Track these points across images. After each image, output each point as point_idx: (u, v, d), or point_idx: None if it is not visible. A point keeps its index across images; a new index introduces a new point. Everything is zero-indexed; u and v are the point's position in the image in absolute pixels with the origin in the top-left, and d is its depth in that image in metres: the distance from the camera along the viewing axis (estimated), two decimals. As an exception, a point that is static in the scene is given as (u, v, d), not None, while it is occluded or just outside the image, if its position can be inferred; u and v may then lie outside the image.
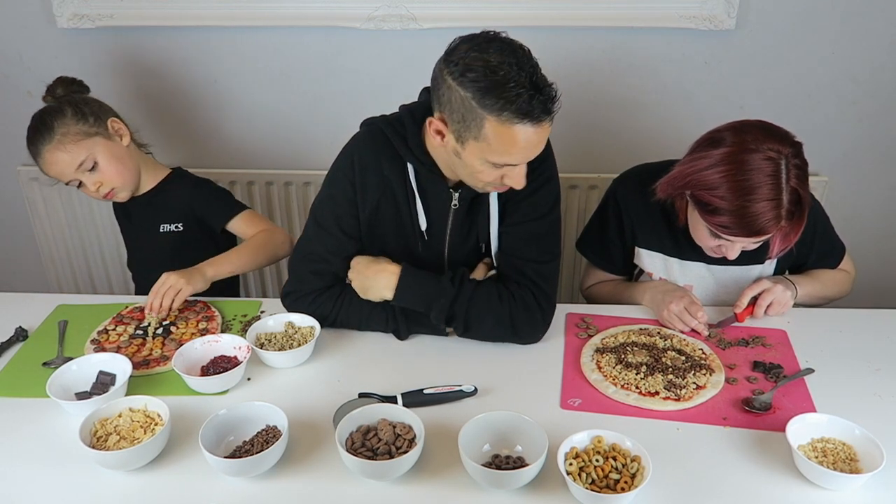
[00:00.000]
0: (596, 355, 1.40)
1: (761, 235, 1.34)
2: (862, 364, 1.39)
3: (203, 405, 1.28)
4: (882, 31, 2.02)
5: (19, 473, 1.15)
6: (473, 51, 1.19)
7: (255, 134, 2.30)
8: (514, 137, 1.20)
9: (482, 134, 1.21)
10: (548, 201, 1.45)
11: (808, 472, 1.10)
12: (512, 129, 1.19)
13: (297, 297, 1.49)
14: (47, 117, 1.62)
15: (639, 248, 1.62)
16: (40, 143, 1.60)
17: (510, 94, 1.16)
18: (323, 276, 1.48)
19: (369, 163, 1.42)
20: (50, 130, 1.60)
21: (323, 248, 1.47)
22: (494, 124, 1.19)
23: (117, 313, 1.56)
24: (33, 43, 2.20)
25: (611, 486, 1.07)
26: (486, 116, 1.19)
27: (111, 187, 1.66)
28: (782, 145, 1.30)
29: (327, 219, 1.46)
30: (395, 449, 1.12)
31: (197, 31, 2.11)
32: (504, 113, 1.17)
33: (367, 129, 1.45)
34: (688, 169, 1.37)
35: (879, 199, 2.26)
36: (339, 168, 1.45)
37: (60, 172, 1.63)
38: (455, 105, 1.21)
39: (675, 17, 2.00)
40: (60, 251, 2.52)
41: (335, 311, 1.48)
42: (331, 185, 1.47)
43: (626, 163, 1.72)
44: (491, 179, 1.30)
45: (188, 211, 1.77)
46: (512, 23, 2.04)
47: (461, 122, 1.22)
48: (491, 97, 1.17)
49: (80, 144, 1.61)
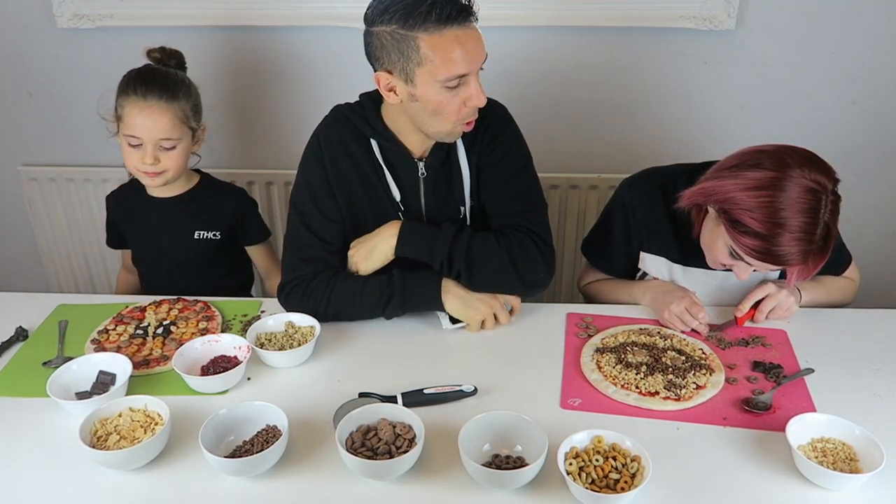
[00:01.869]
0: (596, 355, 1.40)
1: (783, 266, 1.32)
2: (862, 364, 1.38)
3: (203, 405, 1.28)
4: (882, 31, 2.02)
5: (19, 473, 1.15)
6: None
7: (255, 134, 2.30)
8: (449, 44, 1.28)
9: (422, 56, 1.29)
10: (519, 162, 1.52)
11: (808, 472, 1.10)
12: (443, 36, 1.27)
13: (291, 287, 1.50)
14: (178, 82, 1.63)
15: (644, 252, 1.61)
16: (155, 94, 1.59)
17: (426, 5, 1.25)
18: (312, 263, 1.50)
19: (335, 142, 1.50)
20: (174, 94, 1.61)
21: (307, 233, 1.50)
22: (427, 39, 1.28)
23: (117, 313, 1.56)
24: (33, 43, 2.20)
25: (611, 486, 1.07)
26: (417, 37, 1.28)
27: (161, 171, 1.65)
28: (827, 179, 1.26)
29: (306, 204, 1.51)
30: (395, 449, 1.12)
31: (197, 31, 2.12)
32: (429, 23, 1.26)
33: (330, 113, 1.54)
34: (726, 185, 1.31)
35: (879, 199, 2.26)
36: (308, 153, 1.52)
37: (148, 128, 1.59)
38: (388, 46, 1.31)
39: (675, 17, 2.01)
40: (60, 251, 2.52)
41: (328, 292, 1.47)
42: (304, 171, 1.53)
43: (626, 163, 1.73)
44: (455, 107, 1.35)
45: (230, 223, 1.79)
46: (512, 23, 2.05)
47: (401, 58, 1.30)
48: (412, 17, 1.26)
49: (179, 127, 1.62)
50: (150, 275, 1.87)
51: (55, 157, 2.39)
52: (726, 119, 2.18)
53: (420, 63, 1.30)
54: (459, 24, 1.28)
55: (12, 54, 2.23)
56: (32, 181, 2.39)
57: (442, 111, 1.35)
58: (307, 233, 1.50)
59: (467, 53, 1.30)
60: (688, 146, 2.21)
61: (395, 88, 1.36)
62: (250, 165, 2.33)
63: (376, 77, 1.37)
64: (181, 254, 1.78)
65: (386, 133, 1.47)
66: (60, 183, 2.38)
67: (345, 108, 1.52)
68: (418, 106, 1.36)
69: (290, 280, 1.51)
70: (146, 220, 1.78)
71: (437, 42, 1.28)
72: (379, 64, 1.35)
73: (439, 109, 1.35)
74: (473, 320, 1.47)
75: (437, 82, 1.31)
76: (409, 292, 1.46)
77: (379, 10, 1.30)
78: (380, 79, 1.36)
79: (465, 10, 1.29)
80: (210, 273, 1.80)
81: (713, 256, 1.43)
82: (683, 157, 1.71)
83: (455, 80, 1.32)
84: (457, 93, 1.34)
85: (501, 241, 1.45)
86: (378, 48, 1.33)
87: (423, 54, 1.29)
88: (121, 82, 1.63)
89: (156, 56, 1.68)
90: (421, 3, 1.26)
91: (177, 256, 1.78)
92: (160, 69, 1.65)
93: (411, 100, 1.36)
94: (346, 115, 1.50)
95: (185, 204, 1.75)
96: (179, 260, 1.78)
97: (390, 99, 1.38)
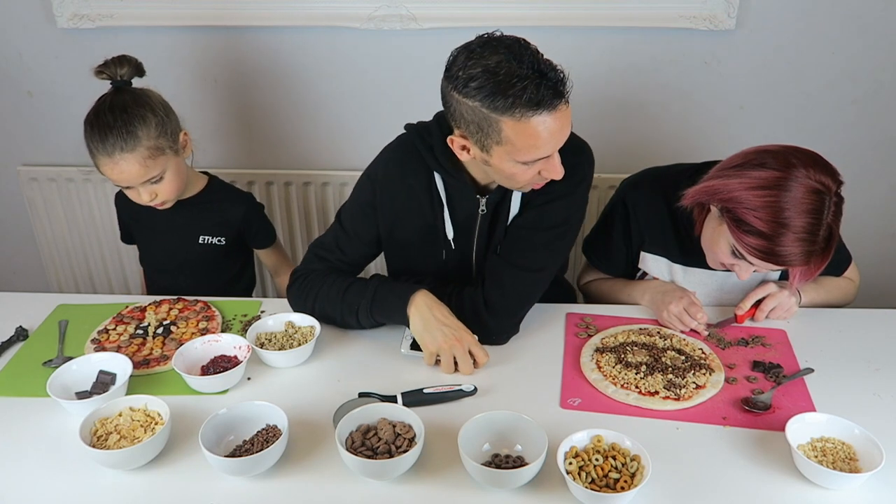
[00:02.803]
0: (596, 355, 1.40)
1: (785, 266, 1.32)
2: (862, 364, 1.39)
3: (203, 404, 1.28)
4: (882, 31, 2.02)
5: (20, 473, 1.15)
6: (471, 59, 1.19)
7: (255, 134, 2.30)
8: (534, 131, 1.19)
9: (503, 137, 1.21)
10: (556, 217, 1.41)
11: (808, 472, 1.10)
12: (529, 123, 1.18)
13: (297, 275, 1.51)
14: (133, 121, 1.50)
15: (644, 252, 1.61)
16: (114, 146, 1.49)
17: (516, 89, 1.15)
18: (324, 262, 1.51)
19: (394, 172, 1.46)
20: (133, 137, 1.50)
21: (333, 239, 1.52)
22: (511, 124, 1.19)
23: (117, 313, 1.56)
24: (33, 43, 2.20)
25: (610, 486, 1.07)
26: (500, 119, 1.19)
27: (164, 199, 1.62)
28: (832, 180, 1.26)
29: (346, 217, 1.52)
30: (395, 448, 1.12)
31: (197, 31, 2.12)
32: (516, 110, 1.17)
33: (400, 137, 1.49)
34: (730, 184, 1.30)
35: (879, 199, 2.26)
36: (368, 173, 1.50)
37: (124, 180, 1.54)
38: (468, 118, 1.22)
39: (675, 17, 2.01)
40: (60, 251, 2.52)
41: (318, 286, 1.46)
42: (359, 186, 1.51)
43: (626, 163, 1.73)
44: (528, 178, 1.29)
45: (236, 228, 1.78)
46: (512, 23, 2.04)
47: (479, 132, 1.22)
48: (499, 99, 1.16)
49: (158, 160, 1.54)
50: (155, 276, 1.87)
51: (55, 157, 2.39)
52: (726, 119, 2.18)
53: (500, 143, 1.22)
54: (549, 109, 1.18)
55: (12, 54, 2.23)
56: (32, 181, 2.39)
57: (515, 178, 1.29)
58: (331, 239, 1.52)
59: (552, 139, 1.21)
60: (688, 146, 2.21)
61: (469, 150, 1.29)
62: (250, 165, 2.33)
63: (450, 139, 1.30)
64: (185, 257, 1.77)
65: (450, 168, 1.38)
66: (60, 183, 2.38)
67: (413, 131, 1.43)
68: (491, 169, 1.30)
69: (299, 269, 1.53)
70: (151, 221, 1.76)
71: (523, 129, 1.18)
72: (455, 125, 1.27)
73: (512, 178, 1.29)
74: (427, 348, 1.34)
75: (515, 161, 1.24)
76: (379, 299, 1.39)
77: (463, 77, 1.19)
78: (454, 141, 1.29)
79: (557, 95, 1.18)
80: (213, 278, 1.80)
81: (714, 256, 1.42)
82: (683, 157, 1.71)
83: (534, 161, 1.25)
84: (535, 167, 1.26)
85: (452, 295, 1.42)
86: (456, 112, 1.24)
87: (506, 136, 1.20)
88: (84, 133, 1.53)
89: (103, 76, 1.56)
90: (510, 86, 1.15)
91: (181, 260, 1.78)
92: (110, 113, 1.51)
93: (484, 163, 1.29)
94: (413, 144, 1.42)
95: (192, 207, 1.74)
96: (184, 263, 1.78)
97: (462, 157, 1.31)
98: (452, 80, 1.21)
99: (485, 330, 1.41)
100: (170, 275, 1.80)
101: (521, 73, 1.16)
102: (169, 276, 1.80)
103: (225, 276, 1.82)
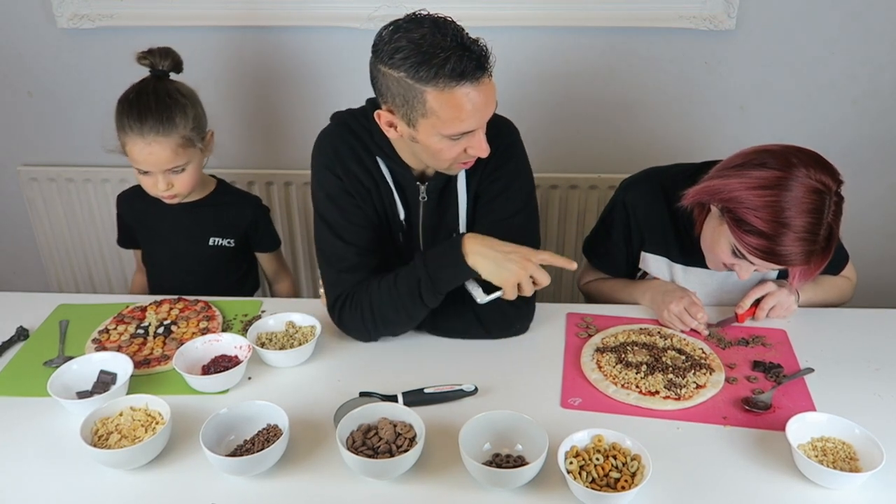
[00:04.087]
0: (596, 355, 1.40)
1: (785, 265, 1.32)
2: (862, 364, 1.39)
3: (204, 404, 1.28)
4: (882, 31, 2.02)
5: (20, 472, 1.15)
6: (396, 32, 1.21)
7: (255, 134, 2.30)
8: (458, 102, 1.21)
9: (427, 109, 1.22)
10: (520, 198, 1.45)
11: (808, 471, 1.10)
12: (453, 93, 1.20)
13: (340, 304, 1.42)
14: (173, 107, 1.55)
15: (645, 252, 1.61)
16: (151, 129, 1.52)
17: (439, 59, 1.17)
18: (356, 271, 1.43)
19: (345, 153, 1.42)
20: (171, 124, 1.54)
21: (341, 243, 1.43)
22: (435, 94, 1.20)
23: (118, 313, 1.56)
24: (33, 43, 2.20)
25: (611, 485, 1.07)
26: (424, 89, 1.20)
27: (177, 193, 1.63)
28: (832, 180, 1.26)
29: (333, 216, 1.44)
30: (396, 448, 1.12)
31: (197, 31, 2.12)
32: (440, 80, 1.18)
33: (335, 123, 1.46)
34: (731, 184, 1.30)
35: (879, 198, 2.27)
36: (320, 167, 1.45)
37: (151, 164, 1.56)
38: (394, 90, 1.23)
39: (675, 17, 2.01)
40: (60, 251, 2.53)
41: (368, 296, 1.40)
42: (321, 185, 1.45)
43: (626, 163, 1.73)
44: (454, 155, 1.30)
45: (244, 230, 1.79)
46: (511, 23, 2.05)
47: (405, 105, 1.24)
48: (423, 69, 1.18)
49: (186, 151, 1.58)
50: (159, 278, 1.86)
51: (55, 157, 2.39)
52: (726, 119, 2.18)
53: (425, 115, 1.23)
54: (472, 81, 1.20)
55: (12, 54, 2.23)
56: (32, 181, 2.39)
57: (441, 156, 1.30)
58: (341, 243, 1.43)
59: (476, 111, 1.23)
60: (688, 146, 2.22)
61: (396, 126, 1.30)
62: (250, 165, 2.33)
63: (377, 113, 1.31)
64: (194, 259, 1.77)
65: (391, 152, 1.40)
66: (60, 183, 2.38)
67: (348, 117, 1.44)
68: (417, 146, 1.31)
69: (336, 297, 1.44)
70: (160, 223, 1.76)
71: (447, 99, 1.20)
72: (382, 100, 1.29)
73: (439, 154, 1.29)
74: (508, 283, 1.30)
75: (440, 134, 1.25)
76: (434, 269, 1.35)
77: (389, 49, 1.21)
78: (381, 115, 1.30)
79: (480, 67, 1.20)
80: (221, 279, 1.80)
81: (715, 256, 1.43)
82: (683, 157, 1.71)
83: (459, 135, 1.26)
84: (459, 142, 1.27)
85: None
86: (382, 86, 1.26)
87: (430, 107, 1.21)
88: (116, 111, 1.56)
89: (146, 62, 1.61)
90: (433, 56, 1.17)
91: (190, 262, 1.78)
92: (152, 95, 1.56)
93: (411, 139, 1.30)
94: (351, 127, 1.42)
95: (201, 210, 1.74)
96: (192, 265, 1.78)
97: (389, 133, 1.33)
98: (379, 53, 1.23)
99: (511, 323, 1.45)
100: (176, 277, 1.80)
101: (445, 44, 1.18)
102: (175, 278, 1.79)
103: (231, 278, 1.82)
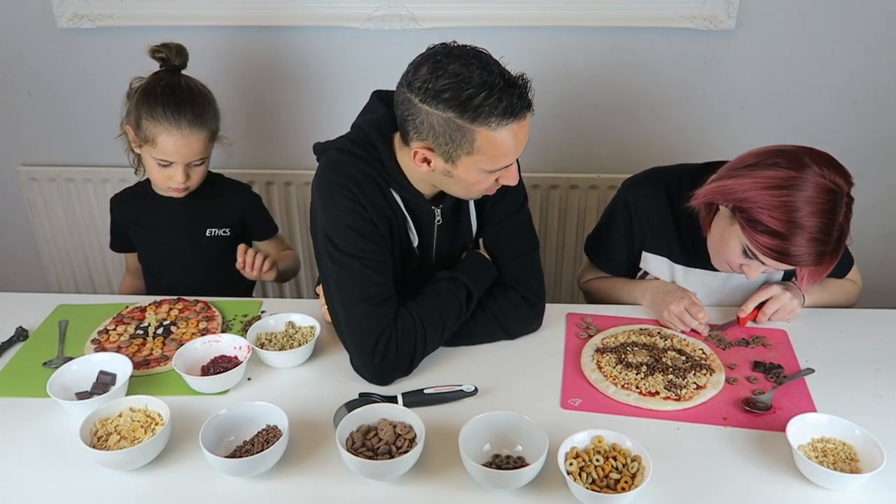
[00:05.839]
0: (596, 355, 1.40)
1: (796, 266, 1.32)
2: (862, 364, 1.38)
3: (203, 405, 1.28)
4: (882, 31, 2.02)
5: (20, 473, 1.15)
6: (437, 70, 1.18)
7: (255, 134, 2.30)
8: (505, 140, 1.21)
9: (475, 147, 1.21)
10: (518, 197, 1.48)
11: (809, 472, 1.10)
12: (502, 132, 1.20)
13: (383, 348, 1.31)
14: (205, 102, 1.62)
15: (646, 252, 1.61)
16: (189, 120, 1.57)
17: (491, 100, 1.16)
18: (391, 304, 1.35)
19: (367, 184, 1.34)
20: (205, 117, 1.60)
21: (375, 275, 1.33)
22: (485, 134, 1.19)
23: (118, 313, 1.56)
24: (33, 43, 2.20)
25: (611, 486, 1.07)
26: (475, 130, 1.18)
27: (191, 185, 1.67)
28: (844, 181, 1.26)
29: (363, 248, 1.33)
30: (396, 449, 1.12)
31: (197, 30, 2.11)
32: (492, 121, 1.18)
33: (338, 151, 1.36)
34: (744, 184, 1.30)
35: (879, 199, 2.26)
36: (338, 199, 1.33)
37: (182, 154, 1.60)
38: (438, 129, 1.20)
39: (675, 17, 2.01)
40: (60, 251, 2.52)
41: (415, 329, 1.34)
42: (343, 217, 1.32)
43: (626, 163, 1.73)
44: (487, 186, 1.31)
45: (239, 219, 1.81)
46: (511, 23, 2.05)
47: (450, 144, 1.21)
48: (471, 110, 1.16)
49: (210, 144, 1.66)
50: (158, 277, 1.85)
51: (55, 157, 2.39)
52: (726, 119, 2.18)
53: (470, 153, 1.21)
54: (518, 117, 1.20)
55: (12, 54, 2.23)
56: (32, 181, 2.39)
57: (474, 188, 1.30)
58: (375, 275, 1.33)
59: (519, 145, 1.24)
60: (688, 146, 2.22)
61: (431, 162, 1.26)
62: (250, 165, 2.33)
63: (413, 149, 1.26)
64: (192, 253, 1.77)
65: (405, 182, 1.36)
66: (60, 183, 2.38)
67: (349, 146, 1.35)
68: (449, 179, 1.29)
69: (377, 340, 1.31)
70: (156, 221, 1.77)
71: (496, 138, 1.19)
72: (418, 135, 1.23)
73: (472, 187, 1.29)
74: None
75: (481, 169, 1.25)
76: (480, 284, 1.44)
77: (430, 90, 1.17)
78: (417, 151, 1.26)
79: (528, 105, 1.21)
80: (220, 271, 1.78)
81: (724, 257, 1.42)
82: (684, 156, 1.71)
83: (500, 169, 1.27)
84: (494, 174, 1.28)
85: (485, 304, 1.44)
86: (422, 123, 1.21)
87: (478, 146, 1.20)
88: (144, 102, 1.56)
89: (161, 55, 1.62)
90: (481, 95, 1.15)
91: (189, 256, 1.78)
92: (185, 89, 1.60)
93: (444, 174, 1.27)
94: (360, 156, 1.34)
95: (195, 203, 1.74)
96: (191, 260, 1.78)
97: (421, 168, 1.28)
98: (418, 91, 1.19)
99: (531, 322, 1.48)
100: (173, 273, 1.80)
101: (492, 81, 1.17)
102: (173, 275, 1.79)
103: (230, 269, 1.79)
